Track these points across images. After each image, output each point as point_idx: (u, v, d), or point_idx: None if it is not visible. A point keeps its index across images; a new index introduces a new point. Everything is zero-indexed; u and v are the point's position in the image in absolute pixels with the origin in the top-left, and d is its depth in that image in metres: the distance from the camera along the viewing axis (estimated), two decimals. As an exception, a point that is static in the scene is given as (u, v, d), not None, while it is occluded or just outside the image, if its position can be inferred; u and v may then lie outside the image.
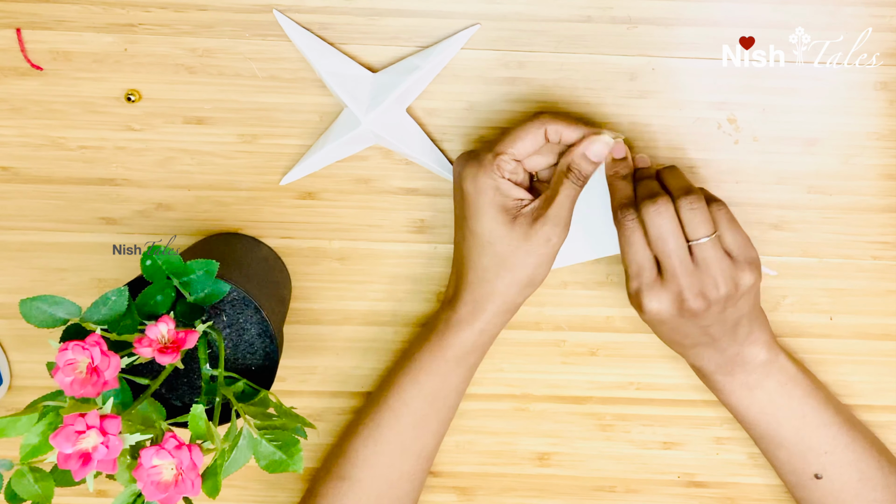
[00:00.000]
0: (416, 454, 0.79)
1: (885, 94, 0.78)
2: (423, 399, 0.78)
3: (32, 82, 0.78)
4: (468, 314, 0.75)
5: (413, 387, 0.77)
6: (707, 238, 0.70)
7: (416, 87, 0.77)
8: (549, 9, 0.76)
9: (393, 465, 0.78)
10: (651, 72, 0.78)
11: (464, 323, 0.76)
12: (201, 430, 0.61)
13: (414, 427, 0.78)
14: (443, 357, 0.77)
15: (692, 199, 0.70)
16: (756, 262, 0.72)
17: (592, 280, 0.82)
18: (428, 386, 0.77)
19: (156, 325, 0.63)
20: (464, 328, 0.76)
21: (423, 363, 0.77)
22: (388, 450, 0.78)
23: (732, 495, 0.87)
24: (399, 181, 0.81)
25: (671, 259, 0.70)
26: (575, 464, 0.87)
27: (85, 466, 0.58)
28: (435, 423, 0.79)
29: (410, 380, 0.77)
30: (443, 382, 0.78)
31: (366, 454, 0.78)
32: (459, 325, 0.76)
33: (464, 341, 0.76)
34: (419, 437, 0.79)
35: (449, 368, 0.77)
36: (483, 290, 0.75)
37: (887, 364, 0.83)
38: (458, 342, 0.76)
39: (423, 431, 0.79)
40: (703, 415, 0.85)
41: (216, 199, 0.81)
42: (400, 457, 0.78)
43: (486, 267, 0.74)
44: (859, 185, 0.80)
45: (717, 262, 0.70)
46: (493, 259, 0.73)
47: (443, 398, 0.78)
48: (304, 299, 0.83)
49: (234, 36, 0.77)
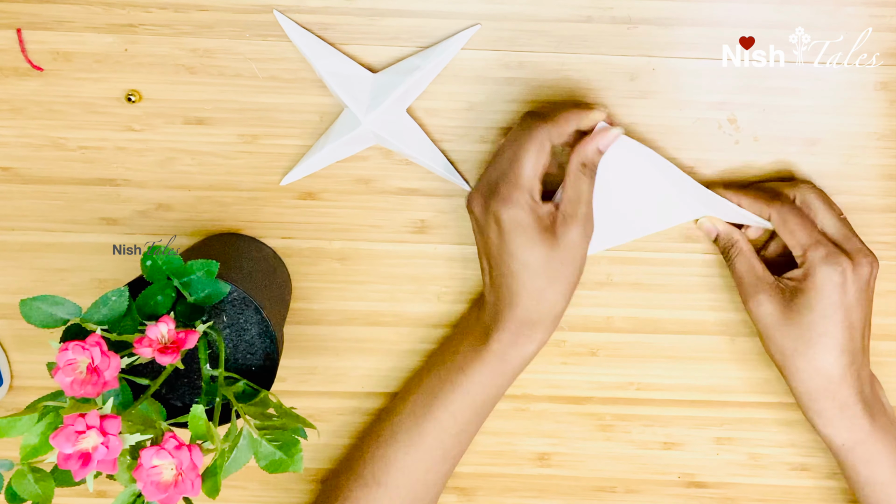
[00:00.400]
0: (454, 458, 0.79)
1: (885, 94, 0.78)
2: (472, 410, 0.77)
3: (33, 83, 0.78)
4: (528, 330, 0.74)
5: (464, 398, 0.77)
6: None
7: (416, 87, 0.77)
8: (549, 9, 0.76)
9: (431, 469, 0.78)
10: (651, 72, 0.78)
11: (525, 339, 0.75)
12: (201, 431, 0.61)
13: (458, 435, 0.78)
14: (502, 373, 0.76)
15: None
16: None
17: (592, 280, 0.82)
18: (479, 398, 0.77)
19: (156, 325, 0.63)
20: (526, 345, 0.75)
21: (475, 378, 0.76)
22: (428, 457, 0.78)
23: (732, 495, 0.87)
24: (399, 181, 0.81)
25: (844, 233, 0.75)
26: (575, 464, 0.87)
27: (85, 466, 0.58)
28: (475, 427, 0.79)
29: (462, 391, 0.76)
30: (496, 393, 0.78)
31: (406, 462, 0.78)
32: (523, 344, 0.75)
33: (525, 357, 0.76)
34: (460, 443, 0.79)
35: (505, 381, 0.77)
36: (541, 309, 0.74)
37: (887, 364, 0.83)
38: (520, 359, 0.76)
39: (464, 437, 0.79)
40: (703, 415, 0.85)
41: (216, 200, 0.81)
42: (440, 462, 0.79)
43: (541, 287, 0.73)
44: (859, 185, 0.80)
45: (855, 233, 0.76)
46: (544, 279, 0.72)
47: (490, 405, 0.78)
48: (304, 299, 0.83)
49: (234, 36, 0.77)
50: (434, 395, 0.77)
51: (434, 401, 0.77)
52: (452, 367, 0.77)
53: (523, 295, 0.73)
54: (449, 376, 0.77)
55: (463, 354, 0.77)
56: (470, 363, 0.76)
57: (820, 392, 0.75)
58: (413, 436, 0.77)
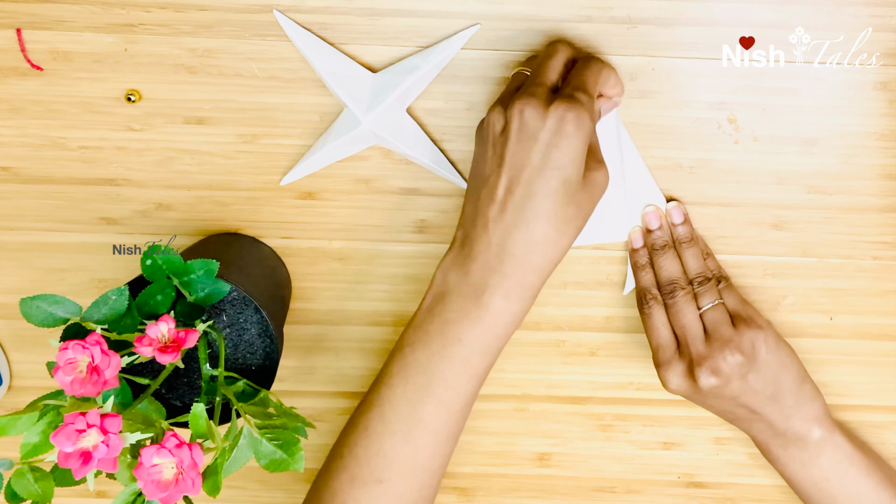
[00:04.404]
0: (456, 437, 0.72)
1: (885, 94, 0.78)
2: (476, 380, 0.70)
3: (32, 82, 0.78)
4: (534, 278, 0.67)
5: (465, 371, 0.69)
6: (712, 304, 0.78)
7: (416, 87, 0.77)
8: (549, 9, 0.76)
9: (436, 454, 0.71)
10: (651, 72, 0.78)
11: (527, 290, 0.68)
12: (202, 430, 0.61)
13: (461, 410, 0.71)
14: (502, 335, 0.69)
15: (702, 279, 0.79)
16: (761, 323, 0.77)
17: (592, 280, 0.82)
18: (481, 366, 0.69)
19: (156, 324, 0.63)
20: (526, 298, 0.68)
21: (476, 346, 0.68)
22: (431, 441, 0.70)
23: (732, 495, 0.87)
24: (399, 181, 0.81)
25: (687, 330, 0.77)
26: (575, 464, 0.87)
27: (85, 465, 0.58)
28: (474, 399, 0.72)
29: (462, 364, 0.69)
30: (495, 357, 0.70)
31: (406, 451, 0.70)
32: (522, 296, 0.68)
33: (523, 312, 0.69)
34: (463, 418, 0.72)
35: (503, 343, 0.70)
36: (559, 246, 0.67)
37: (887, 364, 0.83)
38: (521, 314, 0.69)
39: (467, 412, 0.72)
40: (703, 415, 0.85)
41: (216, 199, 0.81)
42: (444, 443, 0.71)
43: (567, 218, 0.66)
44: (859, 185, 0.80)
45: (723, 324, 0.77)
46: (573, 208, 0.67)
47: (488, 371, 0.71)
48: (304, 299, 0.83)
49: (234, 36, 0.77)
50: (430, 373, 0.69)
51: (432, 379, 0.69)
52: (445, 339, 0.69)
53: (550, 225, 0.66)
54: (444, 350, 0.69)
55: (455, 323, 0.68)
56: (467, 331, 0.68)
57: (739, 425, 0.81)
58: (412, 422, 0.69)
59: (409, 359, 0.70)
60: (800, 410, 0.78)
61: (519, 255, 0.66)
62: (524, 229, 0.66)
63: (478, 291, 0.68)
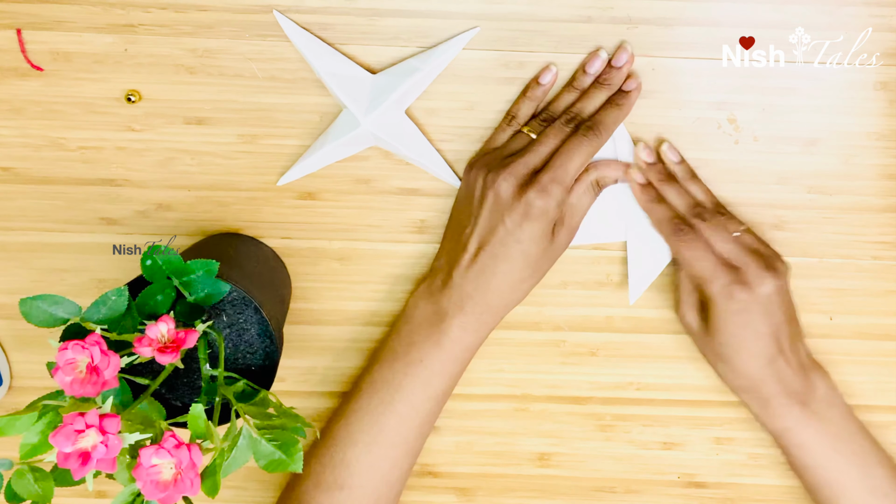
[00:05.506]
0: (415, 453, 0.79)
1: (885, 94, 0.78)
2: (434, 401, 0.78)
3: (33, 83, 0.78)
4: (489, 317, 0.77)
5: (424, 391, 0.77)
6: (744, 229, 0.77)
7: (414, 89, 0.77)
8: (549, 9, 0.76)
9: (394, 466, 0.78)
10: (651, 72, 0.78)
11: (484, 326, 0.77)
12: (201, 430, 0.61)
13: (420, 427, 0.78)
14: (462, 360, 0.78)
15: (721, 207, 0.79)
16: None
17: (592, 280, 0.82)
18: (439, 388, 0.77)
19: (156, 324, 0.63)
20: (482, 331, 0.77)
21: (435, 368, 0.77)
22: (391, 454, 0.77)
23: (732, 495, 0.87)
24: (399, 181, 0.81)
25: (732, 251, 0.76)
26: (575, 464, 0.87)
27: (84, 465, 0.58)
28: (435, 418, 0.79)
29: (422, 384, 0.77)
30: (452, 382, 0.78)
31: (367, 461, 0.77)
32: (480, 331, 0.77)
33: (478, 343, 0.78)
34: (422, 435, 0.79)
35: (461, 368, 0.78)
36: (512, 298, 0.77)
37: (887, 364, 0.83)
38: (476, 345, 0.78)
39: (426, 430, 0.79)
40: (703, 415, 0.85)
41: (216, 200, 0.81)
42: (403, 458, 0.78)
43: (523, 279, 0.76)
44: (859, 185, 0.80)
45: (761, 244, 0.77)
46: (529, 271, 0.76)
47: (448, 393, 0.79)
48: (304, 299, 0.83)
49: (234, 36, 0.77)
50: (393, 389, 0.77)
51: (395, 395, 0.77)
52: (409, 359, 0.77)
53: (505, 281, 0.75)
54: (407, 369, 0.77)
55: (419, 345, 0.77)
56: (429, 353, 0.76)
57: (745, 388, 0.79)
58: (373, 434, 0.77)
59: (375, 375, 0.78)
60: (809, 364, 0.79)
61: (478, 298, 0.76)
62: (484, 281, 0.75)
63: (440, 320, 0.76)
